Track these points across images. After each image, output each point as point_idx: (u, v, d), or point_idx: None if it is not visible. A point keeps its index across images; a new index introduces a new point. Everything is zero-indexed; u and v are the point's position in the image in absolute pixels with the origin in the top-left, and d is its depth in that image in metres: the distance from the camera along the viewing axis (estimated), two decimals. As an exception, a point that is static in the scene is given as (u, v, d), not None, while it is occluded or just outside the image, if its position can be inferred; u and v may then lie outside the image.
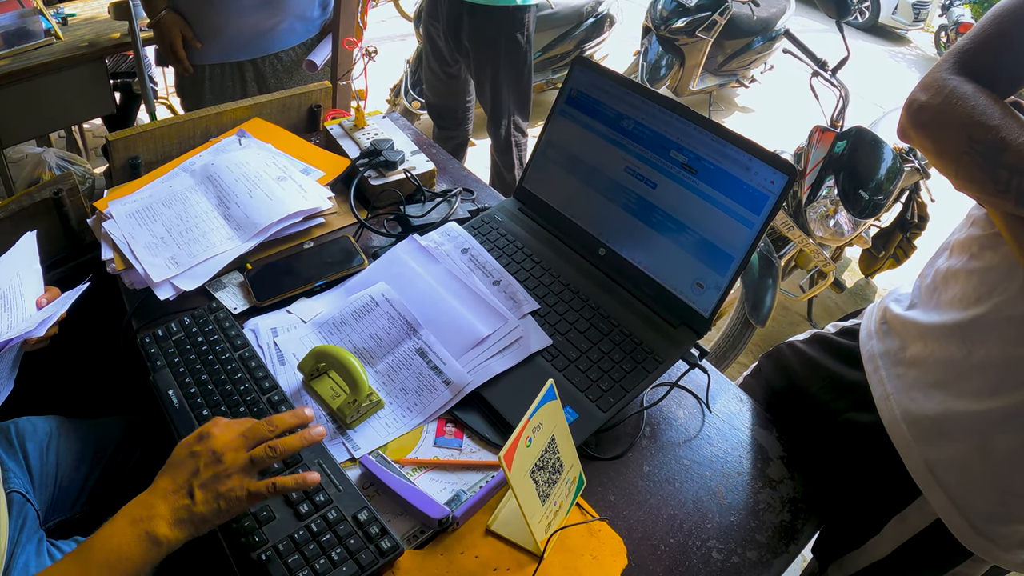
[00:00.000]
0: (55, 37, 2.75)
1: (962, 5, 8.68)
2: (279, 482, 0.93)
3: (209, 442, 0.94)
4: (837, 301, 3.97)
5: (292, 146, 1.76)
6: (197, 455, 0.93)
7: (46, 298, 1.23)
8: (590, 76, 1.44)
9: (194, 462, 0.92)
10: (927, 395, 1.18)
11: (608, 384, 1.24)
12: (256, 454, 0.93)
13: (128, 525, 0.87)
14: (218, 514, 0.90)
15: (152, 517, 0.87)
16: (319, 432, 0.99)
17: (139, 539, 0.86)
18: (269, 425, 0.97)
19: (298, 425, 0.99)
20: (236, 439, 0.95)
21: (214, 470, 0.91)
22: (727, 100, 6.14)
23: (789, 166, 1.18)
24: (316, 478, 0.96)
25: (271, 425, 0.97)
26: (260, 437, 0.95)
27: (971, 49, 1.07)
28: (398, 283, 1.39)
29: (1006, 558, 1.14)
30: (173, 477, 0.92)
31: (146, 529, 0.86)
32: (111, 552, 0.85)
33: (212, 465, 0.91)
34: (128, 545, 0.85)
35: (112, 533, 0.86)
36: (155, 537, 0.86)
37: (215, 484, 0.90)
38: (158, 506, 0.89)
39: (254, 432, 0.96)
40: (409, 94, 4.29)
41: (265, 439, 0.95)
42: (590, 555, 1.06)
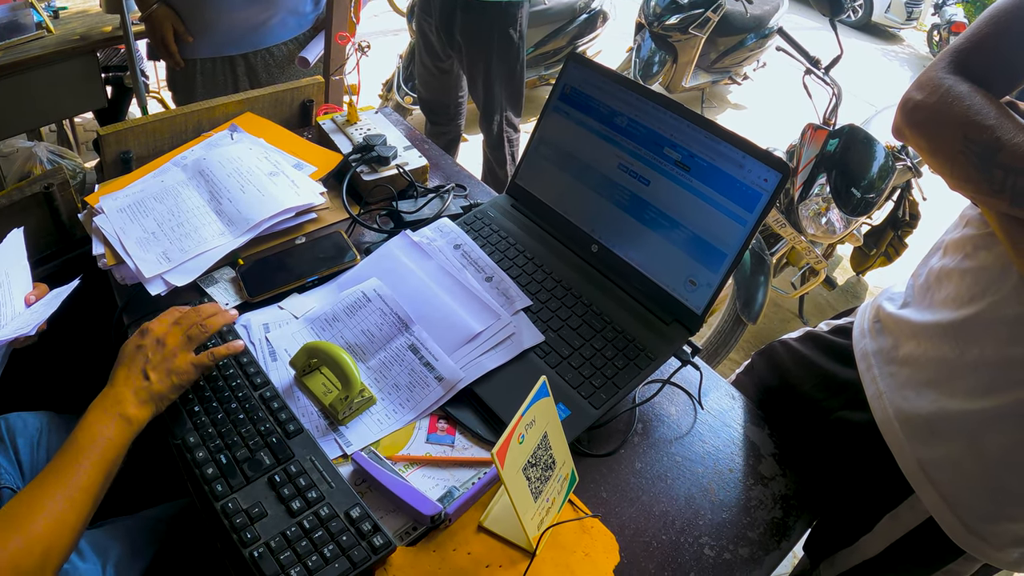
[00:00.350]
0: (46, 30, 2.74)
1: (955, 4, 8.71)
2: (215, 351, 1.14)
3: (150, 335, 1.11)
4: (828, 298, 3.98)
5: (284, 141, 1.76)
6: (143, 347, 1.09)
7: (35, 295, 1.22)
8: (584, 72, 1.44)
9: (142, 352, 1.09)
10: (920, 394, 1.19)
11: (600, 381, 1.24)
12: (192, 332, 1.13)
13: (101, 414, 1.01)
14: (172, 388, 1.08)
15: (120, 403, 1.03)
16: (233, 314, 1.21)
17: (113, 421, 1.01)
18: (195, 311, 1.17)
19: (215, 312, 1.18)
20: (172, 326, 1.13)
21: (160, 353, 1.09)
22: (720, 97, 6.15)
23: (782, 164, 1.18)
24: (241, 344, 1.18)
25: (196, 311, 1.17)
26: (191, 321, 1.15)
27: (967, 48, 1.07)
28: (390, 279, 1.39)
29: (997, 556, 1.15)
30: (128, 367, 1.07)
31: (118, 412, 1.02)
32: (93, 437, 0.98)
33: (158, 350, 1.09)
34: (106, 428, 1.00)
35: (89, 423, 1.00)
36: (127, 417, 1.02)
37: (164, 363, 1.08)
38: (122, 393, 1.04)
39: (185, 319, 1.15)
40: (401, 89, 4.29)
41: (194, 323, 1.14)
42: (582, 552, 1.07)
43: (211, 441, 1.08)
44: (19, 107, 2.75)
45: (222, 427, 1.10)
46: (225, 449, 1.08)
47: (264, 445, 1.08)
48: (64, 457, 0.96)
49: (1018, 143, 0.95)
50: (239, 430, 1.10)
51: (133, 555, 1.22)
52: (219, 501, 1.01)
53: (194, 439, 1.08)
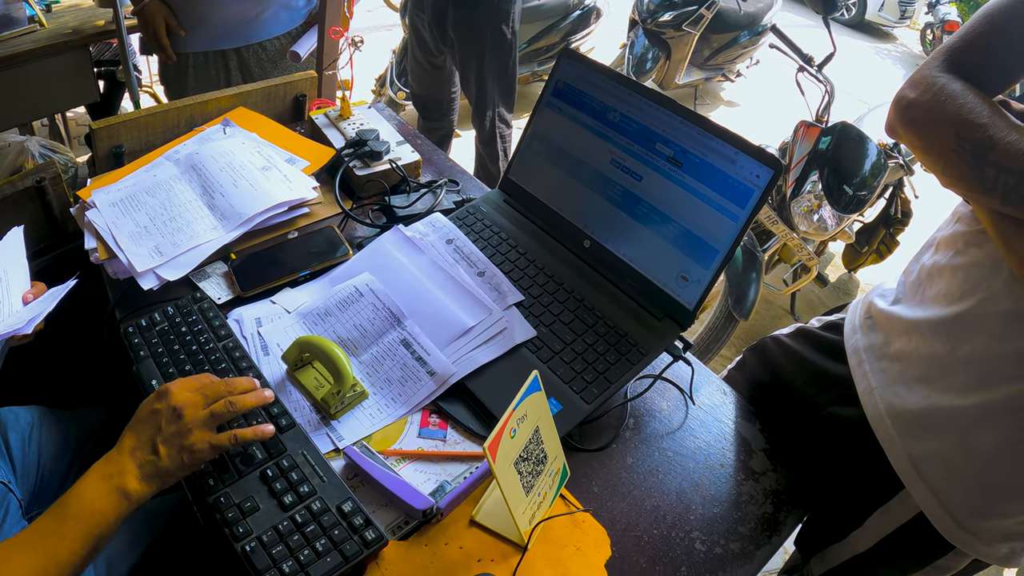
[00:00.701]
0: (39, 24, 2.72)
1: (948, 3, 8.73)
2: (240, 434, 1.00)
3: (169, 399, 0.99)
4: (820, 295, 4.00)
5: (277, 136, 1.76)
6: (158, 412, 0.99)
7: (32, 293, 1.22)
8: (577, 68, 1.44)
9: (156, 419, 0.98)
10: (911, 390, 1.19)
11: (592, 376, 1.24)
12: (216, 408, 1.00)
13: (99, 481, 0.93)
14: (182, 467, 0.97)
15: (121, 473, 0.94)
16: (269, 394, 1.07)
17: (110, 494, 0.92)
18: (225, 383, 1.04)
19: (249, 389, 1.05)
20: (194, 395, 1.01)
21: (176, 426, 0.97)
22: (713, 94, 6.16)
23: (775, 160, 1.18)
24: (271, 430, 1.04)
25: (227, 384, 1.04)
26: (218, 393, 1.02)
27: (961, 47, 1.08)
28: (383, 274, 1.39)
29: (987, 551, 1.15)
30: (137, 435, 0.98)
31: (116, 485, 0.93)
32: (84, 507, 0.90)
33: (173, 421, 0.98)
34: (100, 500, 0.91)
35: (84, 490, 0.92)
36: (125, 492, 0.93)
37: (178, 439, 0.97)
38: (126, 463, 0.95)
39: (212, 389, 1.03)
40: (394, 84, 4.28)
41: (222, 395, 1.02)
42: (574, 546, 1.07)
43: (203, 435, 1.08)
44: (11, 101, 2.73)
45: (214, 421, 1.10)
46: (217, 443, 1.07)
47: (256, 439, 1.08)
48: (50, 521, 0.90)
49: (1010, 142, 0.95)
50: (231, 424, 1.10)
51: (125, 549, 1.22)
52: (211, 495, 1.01)
53: (186, 433, 1.08)
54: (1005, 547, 1.15)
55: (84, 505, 0.91)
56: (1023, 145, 0.94)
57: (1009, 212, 1.00)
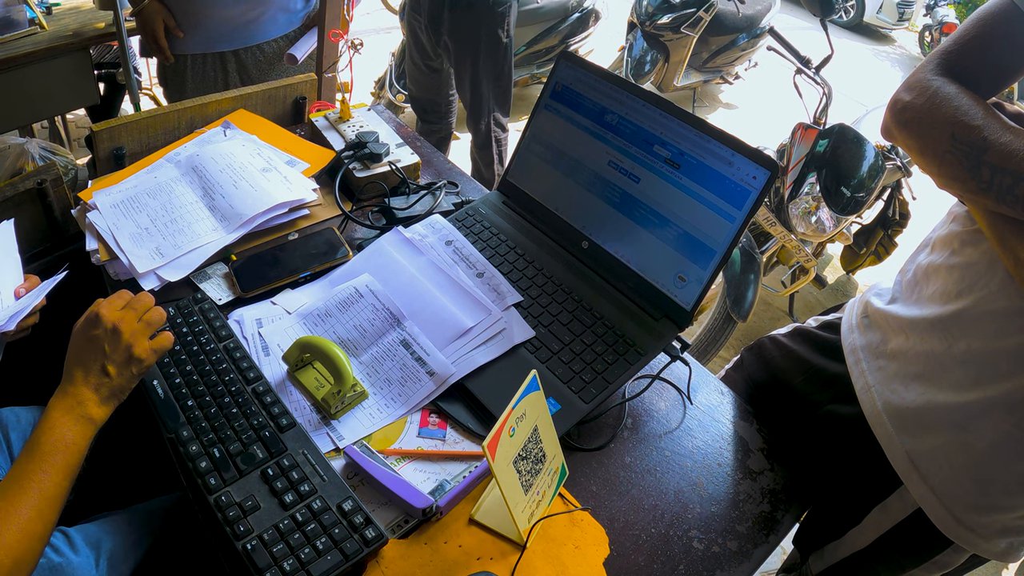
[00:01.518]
0: (39, 27, 2.72)
1: (946, 5, 8.75)
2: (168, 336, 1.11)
3: (103, 323, 1.06)
4: (818, 297, 4.00)
5: (277, 138, 1.76)
6: (98, 338, 1.05)
7: (25, 287, 1.22)
8: (575, 71, 1.45)
9: (98, 344, 1.05)
10: (908, 387, 1.20)
11: (590, 376, 1.25)
12: (150, 317, 1.09)
13: (63, 415, 0.99)
14: (132, 378, 1.06)
15: (82, 403, 1.01)
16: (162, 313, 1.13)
17: (77, 423, 0.99)
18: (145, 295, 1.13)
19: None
20: (125, 312, 1.08)
21: (119, 344, 1.05)
22: (711, 96, 6.17)
23: (771, 162, 1.19)
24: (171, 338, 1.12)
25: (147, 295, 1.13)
26: (145, 304, 1.11)
27: (955, 51, 1.09)
28: (382, 275, 1.39)
29: (985, 547, 1.16)
30: (84, 364, 1.04)
31: (80, 414, 1.00)
32: (57, 441, 0.96)
33: (115, 341, 1.05)
34: (70, 431, 0.98)
35: (52, 427, 0.97)
36: (90, 417, 1.01)
37: (123, 354, 1.05)
38: (82, 392, 1.01)
39: (139, 302, 1.11)
40: (393, 87, 4.29)
41: (149, 306, 1.11)
42: (572, 544, 1.08)
43: (204, 435, 1.09)
44: (11, 103, 2.74)
45: (215, 421, 1.11)
46: (218, 443, 1.08)
47: (257, 439, 1.09)
48: (28, 463, 0.94)
49: (1004, 142, 0.97)
50: (232, 424, 1.11)
51: (127, 548, 1.23)
52: (212, 494, 1.02)
53: (187, 433, 1.09)
54: (1003, 542, 1.16)
55: (56, 440, 0.96)
56: (1017, 146, 0.96)
57: (1004, 211, 1.01)
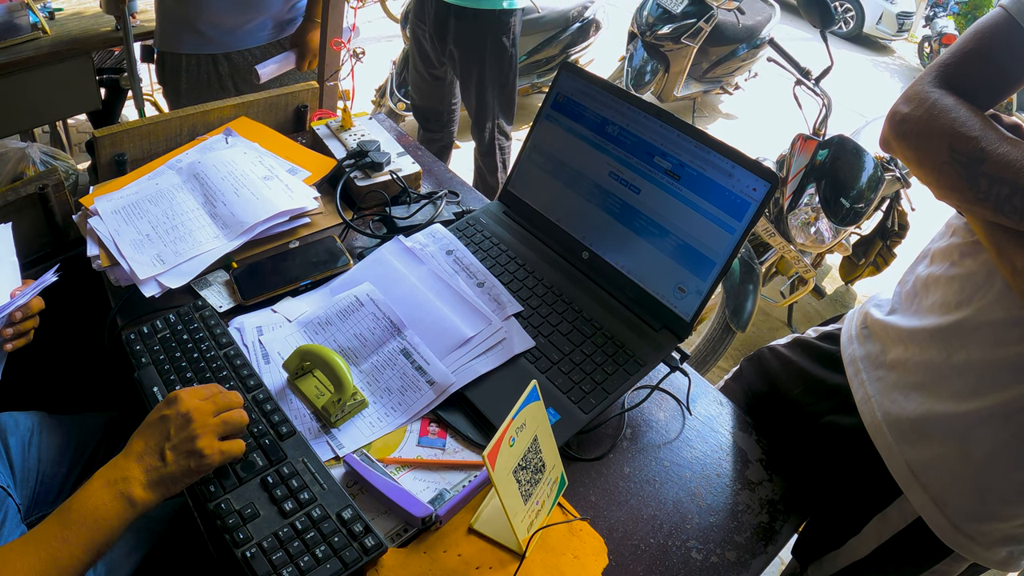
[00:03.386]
0: (42, 32, 2.74)
1: (946, 17, 8.79)
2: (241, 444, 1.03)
3: (178, 406, 1.00)
4: (817, 307, 4.01)
5: (279, 146, 1.77)
6: (167, 419, 0.99)
7: (21, 290, 1.22)
8: (576, 82, 1.46)
9: (165, 425, 0.98)
10: (908, 397, 1.21)
11: (590, 386, 1.25)
12: (228, 417, 1.02)
13: (104, 488, 0.93)
14: (188, 473, 0.97)
15: (127, 479, 0.93)
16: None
17: (115, 500, 0.92)
18: (234, 396, 1.06)
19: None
20: (205, 403, 1.01)
21: (185, 432, 0.97)
22: (711, 107, 6.18)
23: (771, 173, 1.20)
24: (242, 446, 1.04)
25: (236, 396, 1.06)
26: (229, 404, 1.04)
27: (952, 63, 1.10)
28: (383, 283, 1.40)
29: (985, 555, 1.17)
30: (145, 440, 0.98)
31: (121, 490, 0.93)
32: (89, 513, 0.90)
33: (183, 427, 0.98)
34: (105, 506, 0.91)
35: (89, 495, 0.92)
36: (131, 498, 0.93)
37: (186, 445, 0.97)
38: (132, 469, 0.95)
39: (222, 399, 1.04)
40: (394, 95, 4.29)
41: (233, 406, 1.04)
42: (571, 554, 1.08)
43: (204, 442, 1.09)
44: (13, 108, 2.75)
45: (215, 428, 1.11)
46: (218, 450, 1.08)
47: (257, 446, 1.09)
48: (53, 525, 0.89)
49: (1002, 153, 0.98)
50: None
51: (125, 555, 1.22)
52: (212, 502, 1.02)
53: (187, 440, 1.09)
54: (1003, 551, 1.16)
55: (88, 511, 0.90)
56: (1014, 156, 0.97)
57: (1001, 222, 1.02)
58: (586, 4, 4.74)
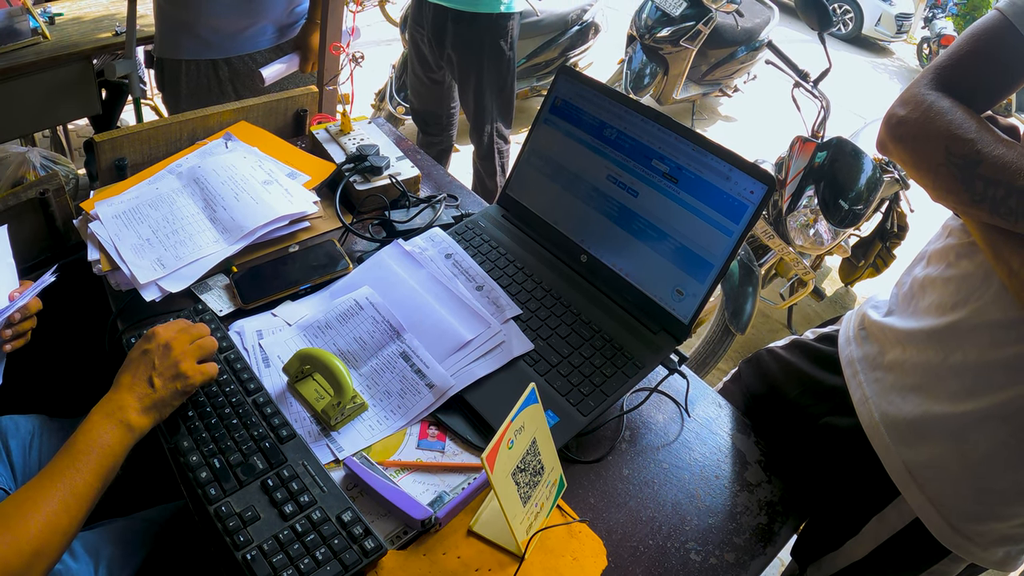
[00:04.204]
0: (42, 36, 2.74)
1: (944, 18, 8.80)
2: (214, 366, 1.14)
3: (156, 338, 1.10)
4: (817, 309, 4.01)
5: (278, 150, 1.77)
6: (149, 352, 1.09)
7: (19, 292, 1.22)
8: (574, 85, 1.46)
9: (148, 357, 1.08)
10: (905, 398, 1.21)
11: (589, 388, 1.25)
12: (203, 343, 1.13)
13: (103, 419, 1.00)
14: (176, 395, 1.08)
15: (123, 408, 1.02)
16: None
17: (115, 428, 1.00)
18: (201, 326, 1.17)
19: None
20: (179, 334, 1.12)
21: (168, 359, 1.08)
22: (710, 109, 6.19)
23: (768, 176, 1.20)
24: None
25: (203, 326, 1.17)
26: (200, 332, 1.15)
27: (948, 66, 1.10)
28: (382, 287, 1.40)
29: (983, 556, 1.17)
30: (132, 373, 1.07)
31: (119, 419, 1.01)
32: (93, 443, 0.97)
33: (165, 356, 1.08)
34: (107, 434, 0.99)
35: (90, 428, 0.99)
36: (128, 424, 1.01)
37: (171, 369, 1.07)
38: (125, 398, 1.03)
39: (194, 328, 1.15)
40: (394, 99, 4.30)
41: (203, 334, 1.15)
42: (570, 556, 1.08)
43: (205, 445, 1.10)
44: (14, 112, 2.75)
45: (216, 431, 1.12)
46: (219, 453, 1.09)
47: (257, 450, 1.09)
48: (62, 460, 0.95)
49: (998, 155, 0.98)
50: (232, 435, 1.11)
51: (126, 556, 1.23)
52: (212, 504, 1.03)
53: (188, 443, 1.10)
54: (1001, 551, 1.17)
55: (92, 440, 0.97)
56: (1010, 158, 0.97)
57: (997, 223, 1.02)
58: (585, 7, 4.74)
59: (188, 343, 1.12)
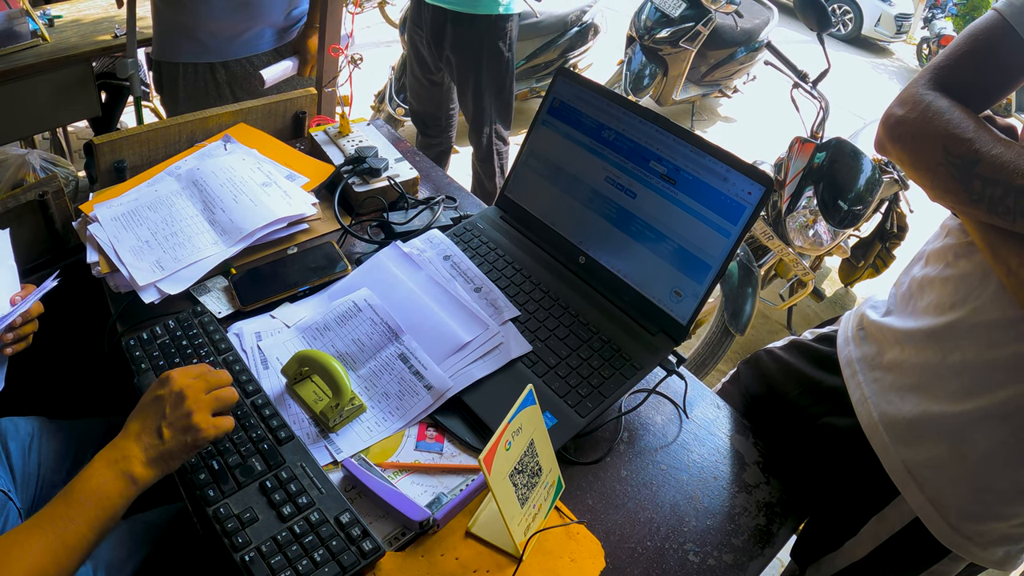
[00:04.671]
0: (41, 39, 2.74)
1: (944, 18, 8.80)
2: (229, 421, 1.04)
3: (171, 384, 1.01)
4: (816, 310, 4.01)
5: (277, 152, 1.77)
6: (162, 399, 1.00)
7: (20, 295, 1.23)
8: (572, 87, 1.47)
9: (160, 404, 1.00)
10: (904, 398, 1.21)
11: (587, 390, 1.26)
12: (220, 394, 1.03)
13: (106, 467, 0.94)
14: (185, 448, 0.98)
15: (127, 458, 0.95)
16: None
17: (116, 479, 0.94)
18: (222, 374, 1.07)
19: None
20: (196, 381, 1.03)
21: (180, 409, 0.99)
22: (710, 110, 6.19)
23: (766, 177, 1.20)
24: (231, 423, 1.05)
25: (223, 374, 1.07)
26: (219, 381, 1.05)
27: (946, 66, 1.11)
28: (381, 289, 1.40)
29: (982, 555, 1.17)
30: (142, 420, 0.99)
31: (122, 469, 0.94)
32: (92, 492, 0.92)
33: (177, 405, 0.99)
34: (107, 485, 0.93)
35: (91, 475, 0.93)
36: (131, 476, 0.94)
37: (182, 421, 0.98)
38: (131, 448, 0.96)
39: (212, 376, 1.05)
40: (393, 101, 4.30)
41: (223, 384, 1.05)
42: (568, 557, 1.08)
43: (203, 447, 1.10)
44: (13, 115, 2.75)
45: (214, 433, 1.12)
46: (217, 455, 1.09)
47: (256, 451, 1.09)
48: (57, 506, 0.91)
49: (996, 155, 0.98)
50: (231, 436, 1.11)
51: (124, 558, 1.23)
52: (211, 506, 1.03)
53: (187, 445, 1.10)
54: (1000, 550, 1.17)
55: (91, 490, 0.92)
56: (1008, 157, 0.98)
57: (996, 223, 1.02)
58: (584, 8, 4.75)
59: (204, 392, 1.02)
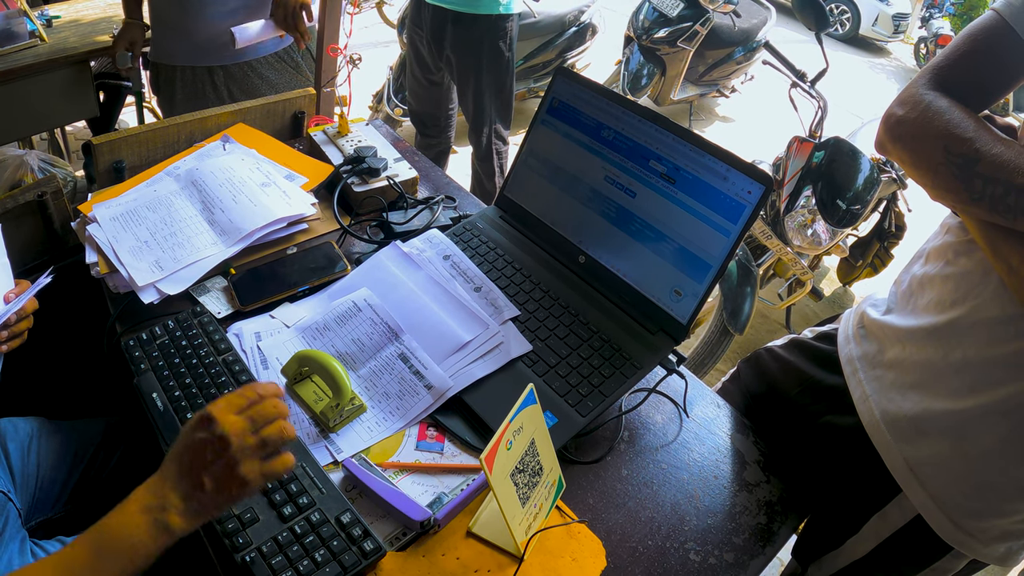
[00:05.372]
0: (40, 39, 2.73)
1: (941, 18, 8.81)
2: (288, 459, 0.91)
3: (213, 428, 0.87)
4: (815, 309, 4.01)
5: (276, 152, 1.77)
6: (203, 442, 0.87)
7: (15, 293, 1.22)
8: (571, 87, 1.46)
9: (201, 449, 0.87)
10: (905, 396, 1.21)
11: (587, 389, 1.26)
12: (268, 435, 0.89)
13: (140, 513, 0.85)
14: (230, 499, 0.88)
15: (164, 508, 0.85)
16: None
17: (151, 527, 0.84)
18: (274, 405, 0.92)
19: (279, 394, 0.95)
20: (241, 420, 0.89)
21: (224, 458, 0.87)
22: (708, 110, 6.19)
23: (766, 176, 1.20)
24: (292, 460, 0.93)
25: (275, 406, 0.92)
26: (266, 416, 0.90)
27: (946, 65, 1.11)
28: (380, 289, 1.40)
29: (985, 552, 1.17)
30: (180, 464, 0.88)
31: (157, 518, 0.84)
32: (124, 540, 0.83)
33: (220, 453, 0.87)
34: (141, 533, 0.84)
35: (125, 521, 0.84)
36: (167, 526, 0.85)
37: (225, 471, 0.87)
38: (169, 496, 0.86)
39: (260, 411, 0.90)
40: (392, 101, 4.30)
41: (271, 418, 0.91)
42: (570, 556, 1.08)
43: (203, 448, 1.10)
44: (11, 115, 2.74)
45: (214, 434, 1.11)
46: (217, 456, 1.08)
47: (256, 452, 1.09)
48: (83, 552, 0.83)
49: (996, 154, 0.99)
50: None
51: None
52: (211, 507, 1.02)
53: (187, 446, 1.09)
54: (1002, 547, 1.17)
55: (123, 538, 0.83)
56: (1008, 156, 0.98)
57: (996, 221, 1.03)
58: (582, 8, 4.75)
59: (250, 432, 0.88)
